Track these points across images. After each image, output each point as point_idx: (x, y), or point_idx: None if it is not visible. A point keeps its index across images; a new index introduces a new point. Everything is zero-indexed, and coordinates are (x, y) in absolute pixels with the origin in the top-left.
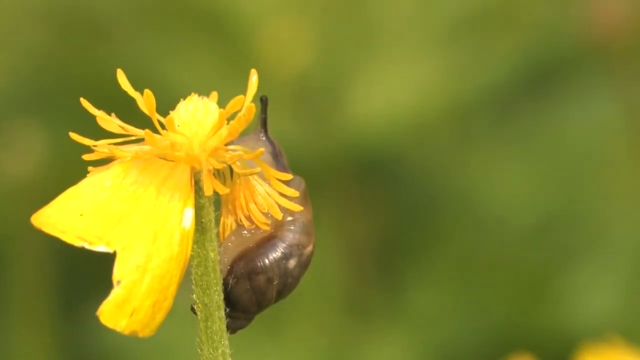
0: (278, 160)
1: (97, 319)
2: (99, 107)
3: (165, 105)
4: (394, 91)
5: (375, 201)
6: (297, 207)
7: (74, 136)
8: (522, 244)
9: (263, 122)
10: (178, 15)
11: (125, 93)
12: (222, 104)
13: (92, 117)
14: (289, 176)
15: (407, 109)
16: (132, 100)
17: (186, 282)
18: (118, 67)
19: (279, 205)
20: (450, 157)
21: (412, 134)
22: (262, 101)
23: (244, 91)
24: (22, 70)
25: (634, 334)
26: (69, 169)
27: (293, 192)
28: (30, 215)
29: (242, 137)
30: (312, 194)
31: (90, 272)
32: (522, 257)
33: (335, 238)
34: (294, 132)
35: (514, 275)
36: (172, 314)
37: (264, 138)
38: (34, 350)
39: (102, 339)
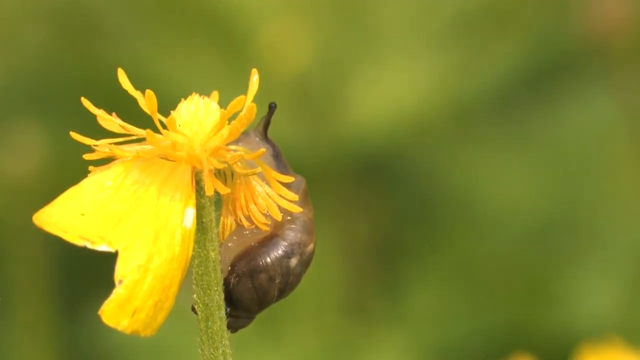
0: (279, 160)
1: (99, 318)
2: (99, 107)
3: (166, 105)
4: (394, 91)
5: (376, 202)
6: (296, 209)
7: (74, 136)
8: (522, 245)
9: (266, 124)
10: (179, 14)
11: (125, 93)
12: (223, 103)
13: (93, 117)
14: (290, 178)
15: (407, 109)
16: (133, 100)
17: (187, 281)
18: (119, 67)
19: (279, 206)
20: (450, 157)
21: (412, 134)
22: (270, 107)
23: (244, 91)
24: (22, 70)
25: (634, 334)
26: (70, 169)
27: (293, 196)
28: (31, 214)
29: (242, 137)
30: (312, 194)
31: (92, 271)
32: (522, 258)
33: (335, 239)
34: (294, 132)
35: (515, 277)
36: (173, 313)
37: (264, 139)
38: (36, 350)
39: (103, 338)
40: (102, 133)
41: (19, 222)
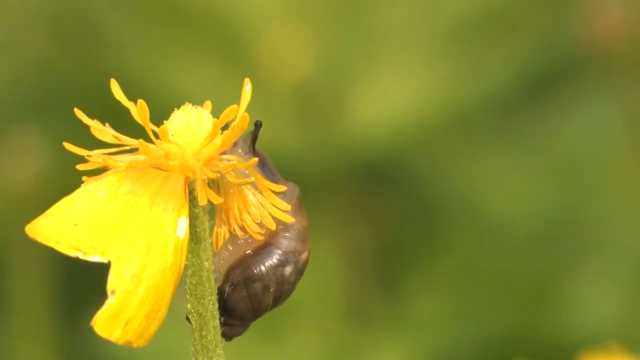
0: (266, 169)
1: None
2: (100, 115)
3: (167, 113)
4: (395, 98)
5: (376, 208)
6: (289, 219)
7: (68, 146)
8: (523, 251)
9: (253, 139)
10: (179, 22)
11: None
12: (222, 111)
13: None
14: (282, 187)
15: (409, 116)
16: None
17: (181, 291)
18: (119, 75)
19: (272, 216)
20: (451, 164)
21: (413, 141)
22: (256, 125)
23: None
24: (22, 77)
25: (634, 341)
26: (70, 177)
27: (285, 206)
28: (30, 222)
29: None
30: (312, 201)
31: (93, 278)
32: (523, 264)
33: (336, 244)
34: (295, 139)
35: (515, 282)
36: (166, 323)
37: (250, 152)
38: (35, 358)
39: (100, 347)
40: (102, 141)
41: (19, 229)
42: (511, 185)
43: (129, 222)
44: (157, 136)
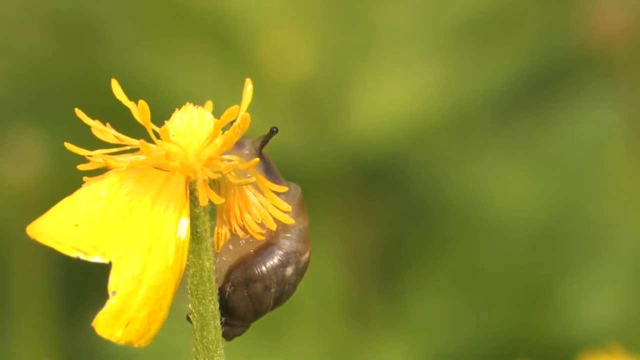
0: (269, 171)
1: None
2: (100, 115)
3: (168, 113)
4: (395, 98)
5: (377, 208)
6: (290, 221)
7: (69, 146)
8: (523, 252)
9: (263, 143)
10: (180, 22)
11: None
12: (223, 111)
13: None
14: (284, 188)
15: (409, 116)
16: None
17: (182, 291)
18: (120, 74)
19: (273, 216)
20: (451, 164)
21: (413, 141)
22: (272, 131)
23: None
24: (22, 77)
25: (635, 341)
26: (71, 177)
27: (287, 206)
28: (31, 223)
29: (235, 147)
30: (313, 201)
31: (92, 280)
32: (523, 264)
33: (335, 245)
34: (296, 139)
35: (515, 283)
36: (167, 323)
37: (256, 154)
38: (34, 358)
39: (101, 347)
40: (103, 141)
41: (19, 230)
42: (511, 185)
43: (130, 222)
44: (158, 136)
